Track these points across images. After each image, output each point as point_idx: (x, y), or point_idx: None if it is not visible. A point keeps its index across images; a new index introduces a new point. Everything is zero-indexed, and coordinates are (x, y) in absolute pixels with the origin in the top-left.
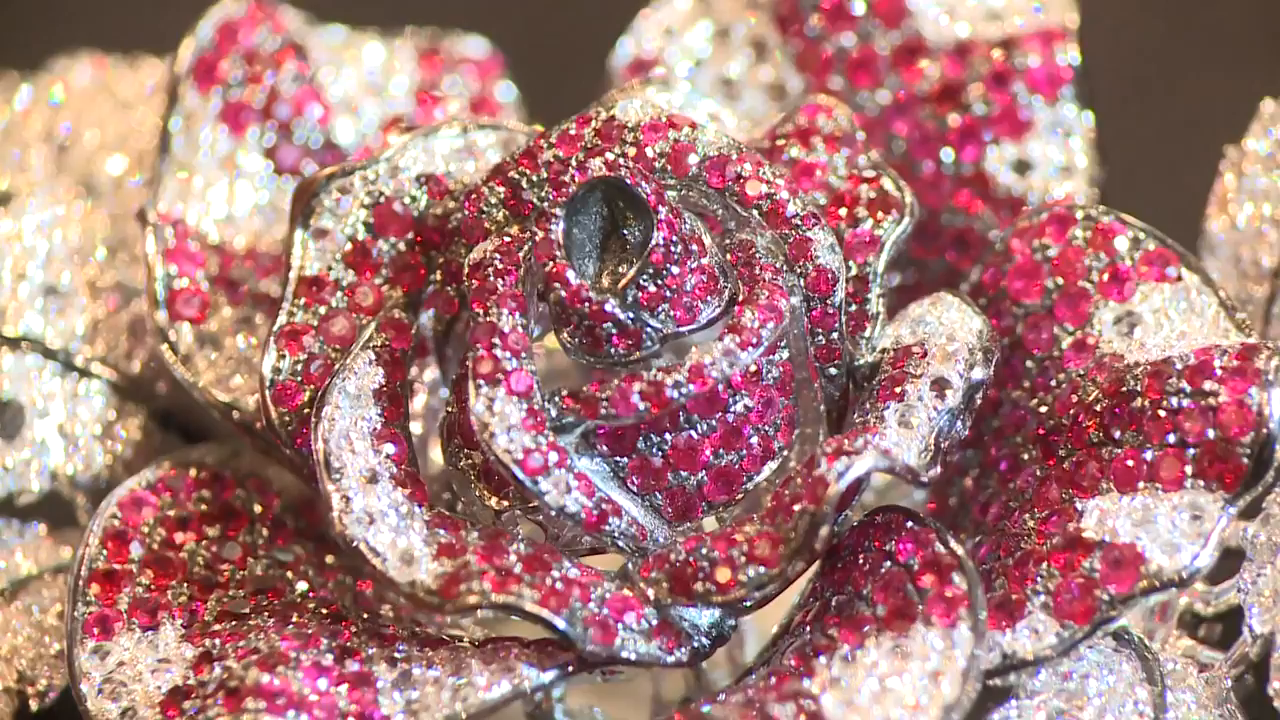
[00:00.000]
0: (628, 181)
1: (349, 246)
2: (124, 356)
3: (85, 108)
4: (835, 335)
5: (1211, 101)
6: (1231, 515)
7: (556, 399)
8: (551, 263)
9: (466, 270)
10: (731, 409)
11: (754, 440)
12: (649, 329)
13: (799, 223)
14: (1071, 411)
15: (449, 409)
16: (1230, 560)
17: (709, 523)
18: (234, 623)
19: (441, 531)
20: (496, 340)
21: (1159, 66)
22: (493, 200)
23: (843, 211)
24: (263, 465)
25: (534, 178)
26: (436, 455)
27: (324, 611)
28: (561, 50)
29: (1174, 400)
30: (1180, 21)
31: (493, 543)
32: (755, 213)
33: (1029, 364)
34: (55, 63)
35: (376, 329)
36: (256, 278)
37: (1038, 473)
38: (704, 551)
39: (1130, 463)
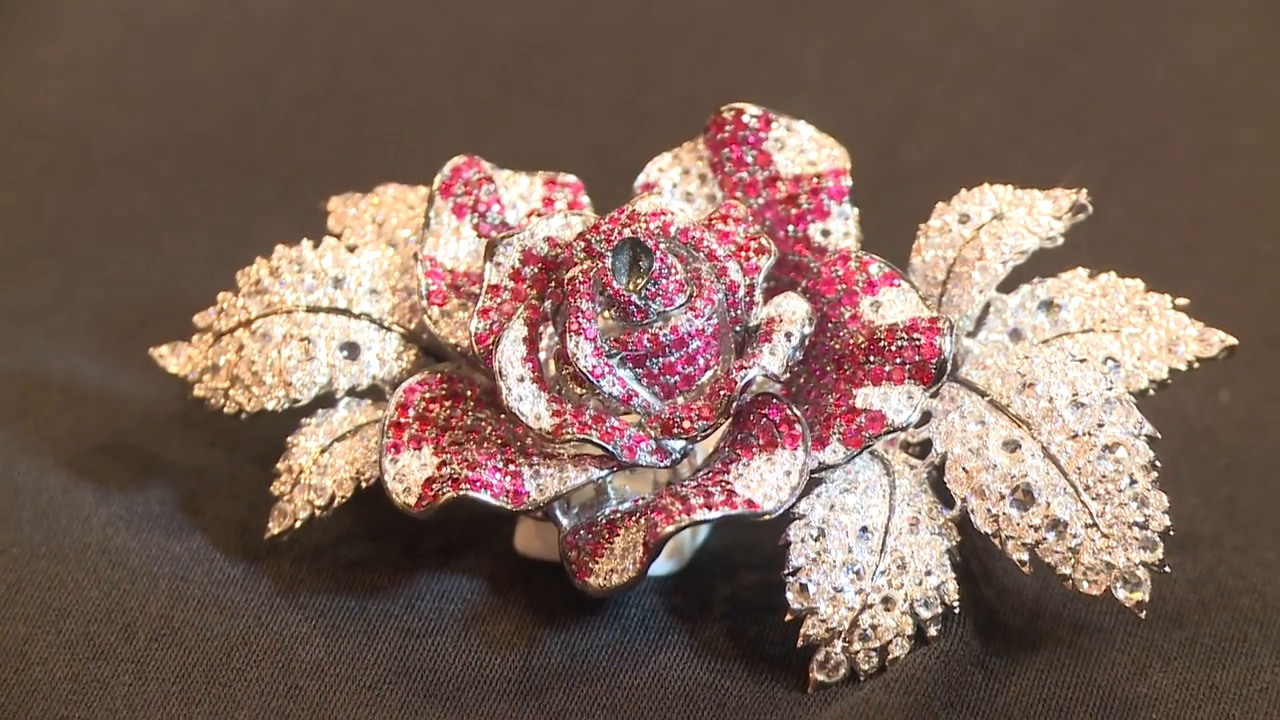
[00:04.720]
0: (642, 239)
1: (510, 270)
2: (408, 322)
3: (391, 207)
4: (739, 312)
5: (917, 206)
6: (926, 396)
7: (608, 341)
8: (605, 277)
9: (566, 281)
10: (690, 346)
11: (701, 361)
12: (651, 309)
13: (722, 258)
14: (850, 348)
15: (558, 346)
16: (925, 418)
17: (681, 401)
18: (456, 447)
19: (554, 404)
20: (579, 314)
21: (882, 188)
22: (579, 249)
23: (742, 254)
24: (472, 372)
25: (598, 238)
26: (552, 369)
27: (499, 441)
28: (611, 181)
29: (900, 342)
30: (891, 159)
31: (578, 409)
32: (702, 254)
33: (829, 325)
34: (378, 188)
35: (524, 309)
36: (469, 285)
37: (834, 377)
38: (678, 413)
39: (878, 372)
